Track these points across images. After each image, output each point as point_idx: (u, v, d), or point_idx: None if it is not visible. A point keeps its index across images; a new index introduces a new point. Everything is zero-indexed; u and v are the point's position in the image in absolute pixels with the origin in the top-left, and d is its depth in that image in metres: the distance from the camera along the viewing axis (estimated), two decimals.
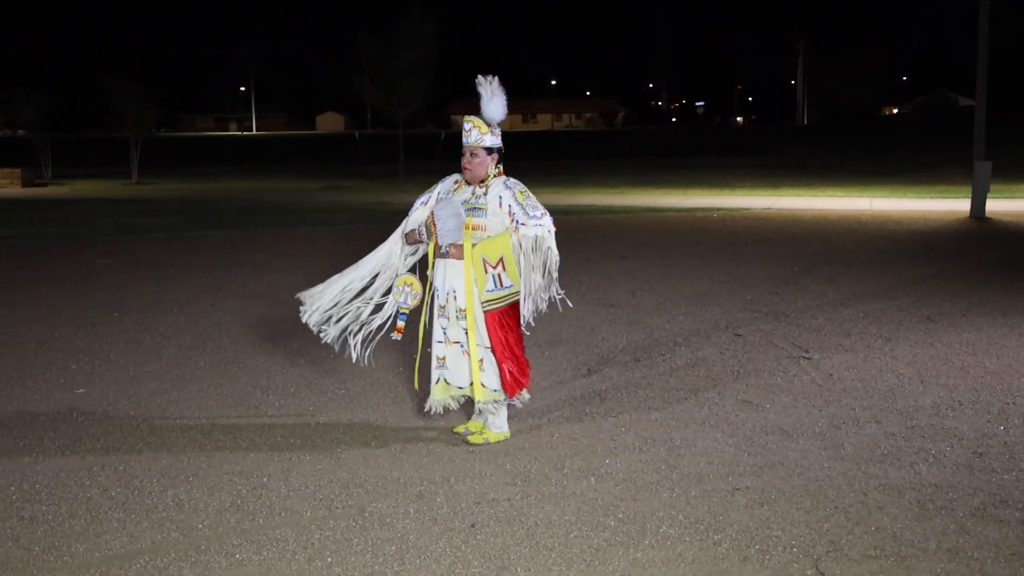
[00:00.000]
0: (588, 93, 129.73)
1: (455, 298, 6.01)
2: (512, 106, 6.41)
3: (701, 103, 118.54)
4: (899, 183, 30.90)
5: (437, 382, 6.17)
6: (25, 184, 35.67)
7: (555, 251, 5.93)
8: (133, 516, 5.01)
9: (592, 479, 5.46)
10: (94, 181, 38.24)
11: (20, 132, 47.19)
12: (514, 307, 5.99)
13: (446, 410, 6.22)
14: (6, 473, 5.64)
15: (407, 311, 6.13)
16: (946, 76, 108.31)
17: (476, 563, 4.44)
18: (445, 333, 6.09)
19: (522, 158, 51.02)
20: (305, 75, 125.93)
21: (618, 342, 8.86)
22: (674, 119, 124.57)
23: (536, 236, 5.85)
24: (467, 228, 5.96)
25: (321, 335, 6.29)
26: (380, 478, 5.51)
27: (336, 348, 6.30)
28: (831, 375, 7.62)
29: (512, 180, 6.02)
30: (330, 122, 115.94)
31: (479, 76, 6.04)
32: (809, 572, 4.29)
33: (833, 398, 6.99)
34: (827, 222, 19.61)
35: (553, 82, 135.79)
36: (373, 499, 5.21)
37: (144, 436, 6.31)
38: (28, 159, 40.53)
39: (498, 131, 6.07)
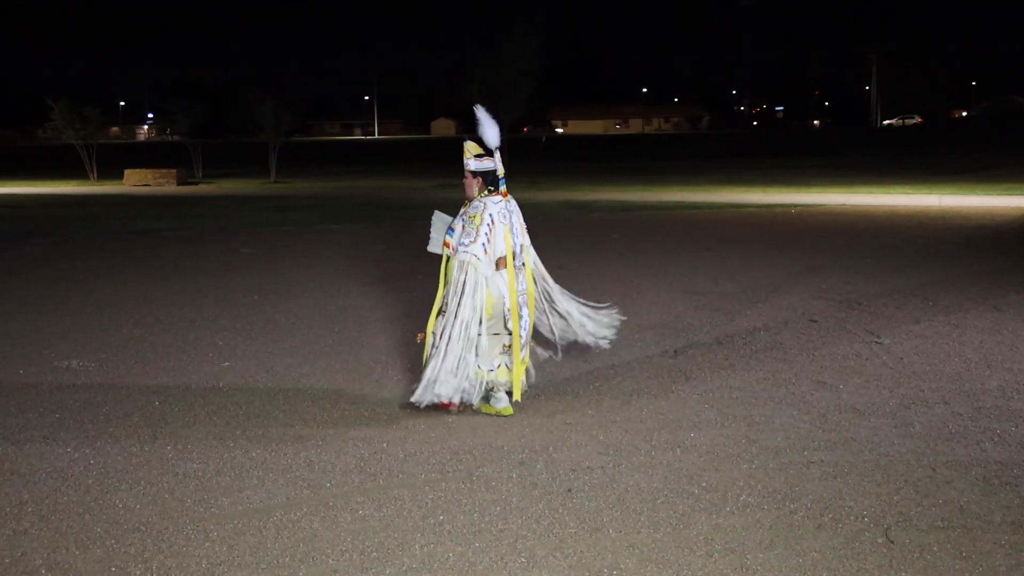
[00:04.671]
0: (676, 100, 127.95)
1: None
2: (606, 112, 6.42)
3: (780, 108, 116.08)
4: (966, 181, 29.78)
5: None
6: (179, 183, 36.69)
7: (486, 282, 5.85)
8: (271, 474, 5.14)
9: (678, 451, 5.41)
10: (238, 180, 39.15)
11: (175, 138, 48.64)
12: None
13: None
14: (163, 435, 5.83)
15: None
16: (1014, 81, 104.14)
17: (572, 524, 4.44)
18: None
19: (615, 159, 50.74)
20: (421, 85, 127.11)
21: (702, 327, 8.74)
22: (755, 123, 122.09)
23: (461, 262, 5.88)
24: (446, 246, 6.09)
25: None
26: (486, 446, 5.54)
27: None
28: (901, 359, 7.40)
29: (477, 204, 5.94)
30: (443, 127, 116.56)
31: (476, 106, 5.99)
32: (879, 540, 4.18)
33: (903, 380, 6.79)
34: (898, 217, 19.03)
35: (644, 90, 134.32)
36: (480, 464, 5.24)
37: (280, 404, 6.46)
38: (182, 161, 41.69)
39: (490, 157, 5.97)
